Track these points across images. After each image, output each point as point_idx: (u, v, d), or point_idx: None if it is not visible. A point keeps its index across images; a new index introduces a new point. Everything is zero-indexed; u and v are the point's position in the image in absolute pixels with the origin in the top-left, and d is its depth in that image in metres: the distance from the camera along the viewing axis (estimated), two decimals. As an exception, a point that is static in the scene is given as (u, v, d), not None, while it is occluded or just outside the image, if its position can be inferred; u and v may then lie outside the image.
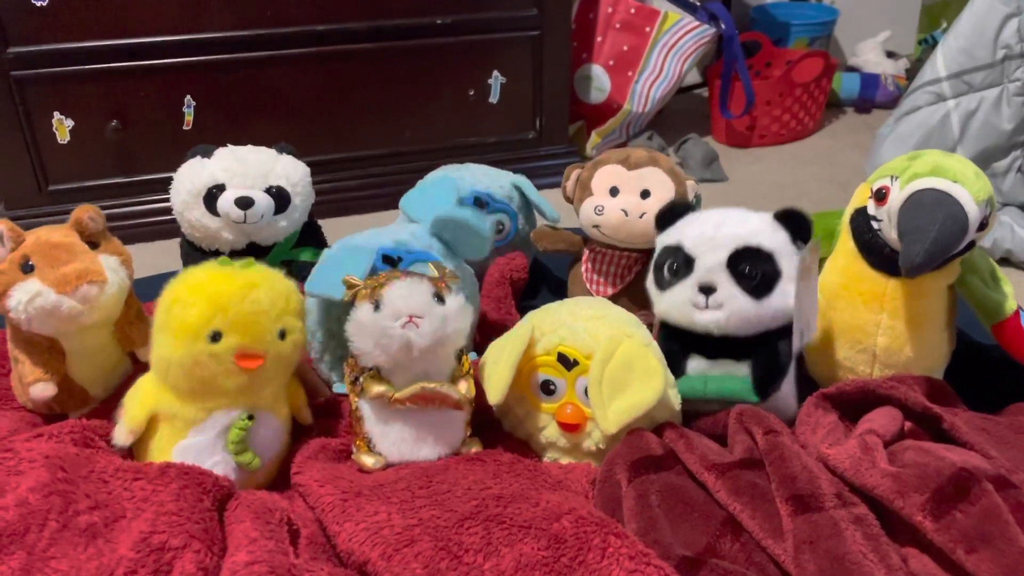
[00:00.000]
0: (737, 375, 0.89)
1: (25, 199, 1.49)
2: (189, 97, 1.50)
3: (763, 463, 0.79)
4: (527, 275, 1.16)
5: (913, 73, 2.16)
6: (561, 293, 1.19)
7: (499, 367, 0.84)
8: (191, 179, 1.02)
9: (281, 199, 1.04)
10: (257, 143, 1.10)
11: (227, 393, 0.80)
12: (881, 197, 0.87)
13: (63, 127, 1.46)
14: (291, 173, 1.06)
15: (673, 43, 1.80)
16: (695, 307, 0.87)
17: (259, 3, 1.47)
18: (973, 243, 0.86)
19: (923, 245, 0.79)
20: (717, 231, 0.87)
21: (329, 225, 1.23)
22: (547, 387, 0.86)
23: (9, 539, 0.69)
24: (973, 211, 0.82)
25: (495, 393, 0.84)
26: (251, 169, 1.03)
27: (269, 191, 1.04)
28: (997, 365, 0.96)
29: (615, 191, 1.05)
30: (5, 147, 1.44)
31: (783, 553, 0.71)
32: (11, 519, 0.70)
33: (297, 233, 1.09)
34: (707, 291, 0.86)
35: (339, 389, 0.97)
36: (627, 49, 1.80)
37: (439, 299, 0.81)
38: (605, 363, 0.82)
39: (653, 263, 0.92)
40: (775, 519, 0.73)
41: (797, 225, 0.87)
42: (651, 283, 0.92)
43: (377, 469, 0.83)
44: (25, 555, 0.68)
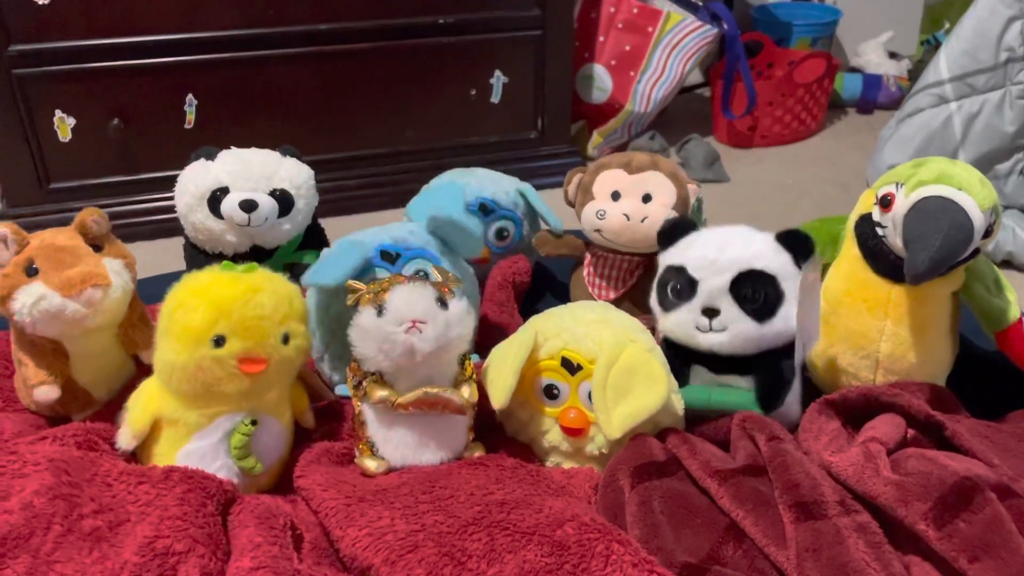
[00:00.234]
0: (741, 388, 0.89)
1: (26, 197, 1.49)
2: (191, 96, 1.49)
3: (766, 470, 0.79)
4: (530, 278, 1.16)
5: (915, 74, 2.16)
6: (564, 296, 1.19)
7: (503, 371, 0.84)
8: (195, 181, 1.02)
9: (285, 202, 1.04)
10: (258, 141, 1.10)
11: (230, 398, 0.80)
12: (886, 204, 0.87)
13: (64, 125, 1.45)
14: (295, 176, 1.05)
15: (675, 43, 1.80)
16: (698, 329, 0.87)
17: (261, 2, 1.46)
18: (978, 250, 0.86)
19: (928, 253, 0.79)
20: (720, 254, 0.86)
21: (330, 224, 1.23)
22: (550, 391, 0.86)
23: (14, 543, 0.68)
24: (978, 219, 0.82)
25: (498, 397, 0.84)
26: (255, 172, 1.03)
27: (273, 194, 1.04)
28: (999, 371, 0.96)
29: (617, 195, 1.05)
30: (6, 145, 1.44)
31: (786, 561, 0.71)
32: (16, 523, 0.69)
33: (300, 236, 1.09)
34: (710, 314, 0.86)
35: (341, 391, 0.97)
36: (629, 49, 1.80)
37: (442, 304, 0.81)
38: (609, 368, 0.82)
39: (656, 282, 0.92)
40: (778, 526, 0.73)
41: (799, 246, 0.87)
42: (654, 301, 0.92)
43: (380, 473, 0.83)
44: (30, 559, 0.68)
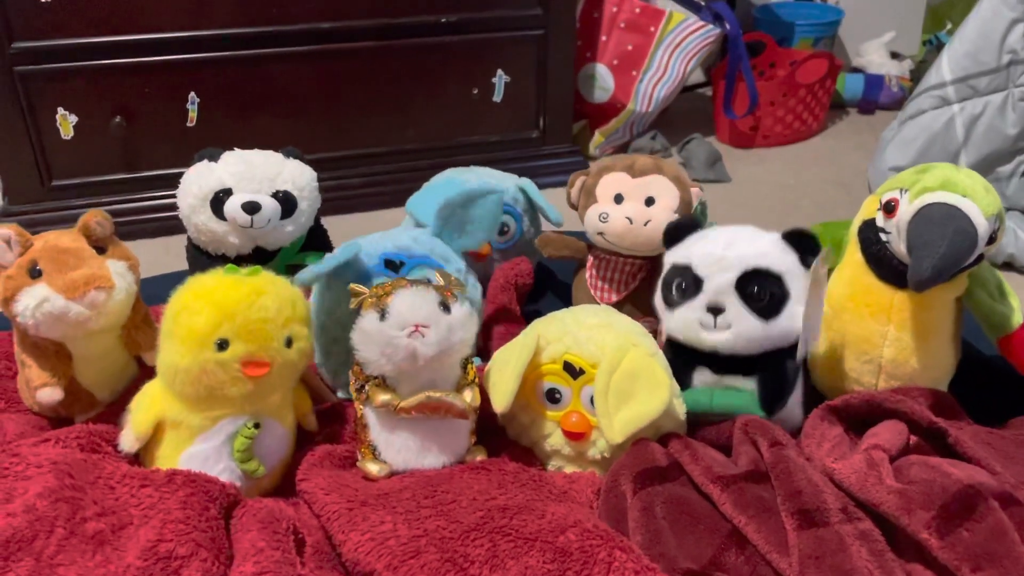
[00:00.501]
0: (744, 389, 0.89)
1: (28, 194, 1.48)
2: (193, 94, 1.49)
3: (768, 476, 0.79)
4: (532, 280, 1.16)
5: (917, 74, 2.16)
6: (566, 297, 1.19)
7: (505, 375, 0.84)
8: (198, 183, 1.02)
9: (288, 204, 1.04)
10: (260, 140, 1.10)
11: (233, 401, 0.80)
12: (890, 210, 0.87)
13: (67, 123, 1.45)
14: (298, 178, 1.05)
15: (678, 43, 1.80)
16: (703, 327, 0.87)
17: (263, 0, 1.46)
18: (981, 256, 0.86)
19: (932, 260, 0.79)
20: (726, 252, 0.86)
21: (332, 222, 1.23)
22: (552, 395, 0.86)
23: (17, 546, 0.69)
24: (982, 226, 0.82)
25: (500, 401, 0.84)
26: (258, 173, 1.03)
27: (276, 196, 1.03)
28: (1002, 377, 0.96)
29: (620, 198, 1.05)
30: (9, 142, 1.43)
31: (788, 568, 0.71)
32: (19, 525, 0.70)
33: (303, 237, 1.09)
34: (715, 312, 0.86)
35: (344, 394, 0.97)
36: (631, 48, 1.80)
37: (445, 308, 0.81)
38: (611, 373, 0.82)
39: (661, 280, 0.92)
40: (780, 533, 0.73)
41: (806, 246, 0.87)
42: (659, 300, 0.92)
43: (382, 477, 0.83)
44: (33, 562, 0.68)
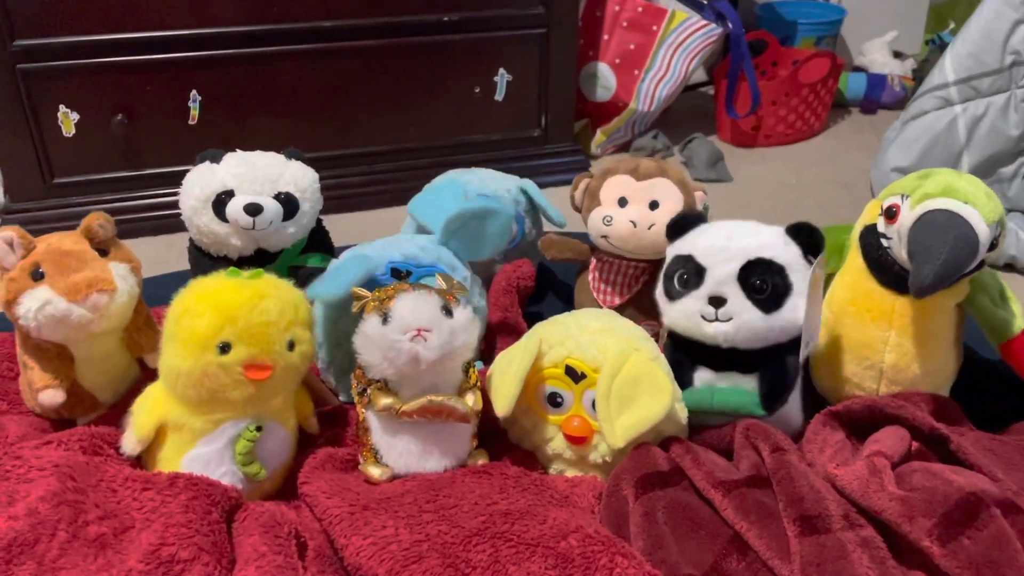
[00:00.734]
0: (744, 388, 0.89)
1: (30, 192, 1.49)
2: (195, 92, 1.49)
3: (770, 481, 0.79)
4: (534, 283, 1.16)
5: (920, 73, 2.15)
6: (568, 298, 1.19)
7: (507, 379, 0.84)
8: (200, 184, 1.02)
9: (290, 205, 1.04)
10: (262, 138, 1.10)
11: (235, 404, 0.80)
12: (891, 215, 0.86)
13: (68, 120, 1.45)
14: (299, 179, 1.05)
15: (680, 42, 1.80)
16: (704, 318, 0.86)
17: (266, -2, 1.47)
18: (983, 262, 0.86)
19: (933, 267, 0.79)
20: (729, 243, 0.86)
21: (333, 221, 1.23)
22: (554, 399, 0.86)
23: (19, 549, 0.69)
24: (984, 233, 0.82)
25: (502, 405, 0.84)
26: (260, 175, 1.02)
27: (278, 197, 1.03)
28: (1003, 381, 0.96)
29: (624, 201, 1.05)
30: (10, 140, 1.44)
31: (790, 574, 0.71)
32: (21, 528, 0.70)
33: (305, 239, 1.09)
34: (717, 303, 0.85)
35: (345, 397, 0.97)
36: (634, 47, 1.80)
37: (447, 312, 0.81)
38: (613, 377, 0.82)
39: (663, 272, 0.92)
40: (782, 539, 0.73)
41: (809, 239, 0.86)
42: (660, 292, 0.92)
43: (384, 480, 0.83)
44: (35, 565, 0.68)
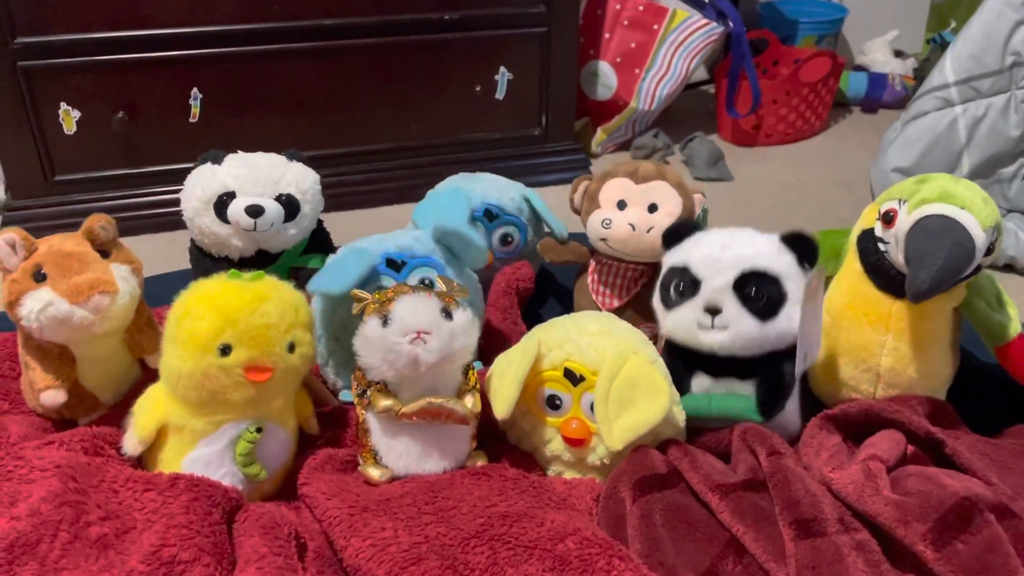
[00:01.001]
0: (742, 394, 0.89)
1: (31, 189, 1.49)
2: (196, 90, 1.49)
3: (766, 485, 0.79)
4: (533, 285, 1.17)
5: (921, 73, 2.15)
6: (567, 301, 1.20)
7: (506, 382, 0.85)
8: (201, 186, 1.02)
9: (291, 207, 1.04)
10: (263, 136, 1.10)
11: (236, 405, 0.80)
12: (888, 220, 0.87)
13: (69, 118, 1.46)
14: (301, 181, 1.05)
15: (681, 41, 1.80)
16: (700, 327, 0.87)
17: (267, -3, 1.47)
18: (980, 267, 0.87)
19: (929, 272, 0.79)
20: (724, 253, 0.87)
21: (334, 219, 1.23)
22: (553, 402, 0.86)
23: (22, 549, 0.69)
24: (980, 238, 0.82)
25: (501, 408, 0.84)
26: (261, 177, 1.03)
27: (279, 199, 1.04)
28: (1000, 385, 0.97)
29: (623, 204, 1.05)
30: (12, 137, 1.44)
31: (785, 577, 0.72)
32: (23, 529, 0.70)
33: (306, 240, 1.09)
34: (713, 312, 0.86)
35: (346, 397, 0.98)
36: (635, 46, 1.80)
37: (447, 315, 0.82)
38: (611, 380, 0.83)
39: (659, 282, 0.92)
40: (778, 542, 0.74)
41: (804, 248, 0.87)
42: (657, 301, 0.92)
43: (383, 481, 0.84)
44: (37, 566, 0.69)
